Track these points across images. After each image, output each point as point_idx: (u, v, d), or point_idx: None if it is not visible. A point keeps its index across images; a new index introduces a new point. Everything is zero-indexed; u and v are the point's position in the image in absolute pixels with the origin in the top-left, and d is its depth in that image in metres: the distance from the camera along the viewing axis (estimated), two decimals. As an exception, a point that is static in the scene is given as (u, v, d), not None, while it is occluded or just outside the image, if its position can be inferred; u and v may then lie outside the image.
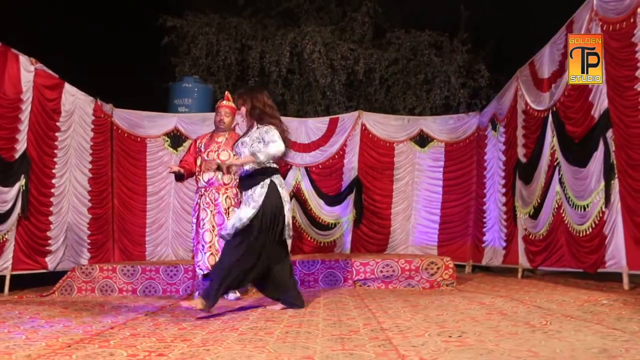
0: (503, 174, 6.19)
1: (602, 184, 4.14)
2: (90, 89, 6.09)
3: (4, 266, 4.88)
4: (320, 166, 7.20)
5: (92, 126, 6.14)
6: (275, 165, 3.54)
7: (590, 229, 4.32)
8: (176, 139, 6.88)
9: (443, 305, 3.44)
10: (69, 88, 5.72)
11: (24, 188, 5.03)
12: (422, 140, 7.21)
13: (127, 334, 2.68)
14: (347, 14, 8.80)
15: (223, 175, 4.41)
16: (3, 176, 4.80)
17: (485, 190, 6.73)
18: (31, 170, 5.15)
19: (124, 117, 6.71)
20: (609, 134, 4.07)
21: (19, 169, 5.00)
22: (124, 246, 6.53)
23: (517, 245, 5.70)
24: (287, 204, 3.52)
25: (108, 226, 6.40)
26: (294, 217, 6.94)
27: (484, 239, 6.63)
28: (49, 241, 5.42)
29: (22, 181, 5.02)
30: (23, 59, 5.04)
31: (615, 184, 4.03)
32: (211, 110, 6.61)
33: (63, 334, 2.70)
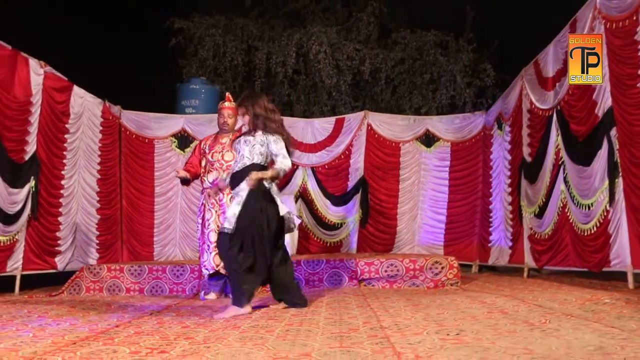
0: (509, 173, 6.18)
1: (606, 182, 4.13)
2: (91, 89, 6.12)
3: (14, 266, 4.97)
4: (326, 166, 7.24)
5: (101, 128, 6.23)
6: (264, 164, 3.53)
7: (595, 228, 4.31)
8: (183, 140, 6.96)
9: (445, 304, 3.45)
10: (77, 90, 5.80)
11: (33, 189, 5.12)
12: (428, 140, 7.22)
13: (131, 332, 2.73)
14: (353, 15, 8.83)
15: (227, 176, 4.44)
16: (13, 178, 4.90)
17: (491, 190, 6.72)
18: (41, 171, 5.25)
19: (131, 119, 6.79)
20: (613, 132, 4.07)
21: (29, 170, 5.10)
22: (132, 246, 6.61)
23: (523, 244, 5.70)
24: (278, 197, 3.49)
25: (116, 227, 6.49)
26: (300, 217, 6.98)
27: (490, 238, 6.63)
28: (59, 241, 5.51)
29: (32, 182, 5.12)
30: (33, 62, 5.12)
31: (620, 182, 4.03)
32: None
33: (69, 331, 2.75)
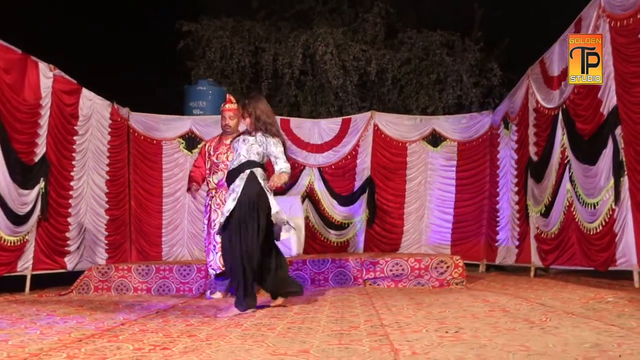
0: (515, 172, 6.16)
1: (612, 181, 4.11)
2: (99, 91, 6.16)
3: (24, 266, 5.05)
4: (333, 166, 7.26)
5: (109, 130, 6.30)
6: (261, 162, 3.58)
7: (601, 227, 4.29)
8: (191, 141, 7.01)
9: (448, 302, 3.47)
10: (86, 93, 5.87)
11: (43, 190, 5.20)
12: (435, 139, 7.21)
13: (136, 329, 2.78)
14: (359, 15, 8.84)
15: None
16: (23, 179, 4.97)
17: (498, 189, 6.70)
18: (50, 173, 5.32)
19: (140, 121, 6.86)
20: (618, 131, 4.05)
21: (39, 172, 5.18)
22: (140, 247, 6.68)
23: (530, 244, 5.68)
24: (271, 195, 3.54)
25: (125, 227, 6.56)
26: (307, 217, 7.01)
27: (498, 238, 6.61)
28: (68, 242, 5.58)
29: (42, 184, 5.19)
30: (42, 65, 5.20)
31: (625, 181, 4.00)
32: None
33: (76, 329, 2.81)
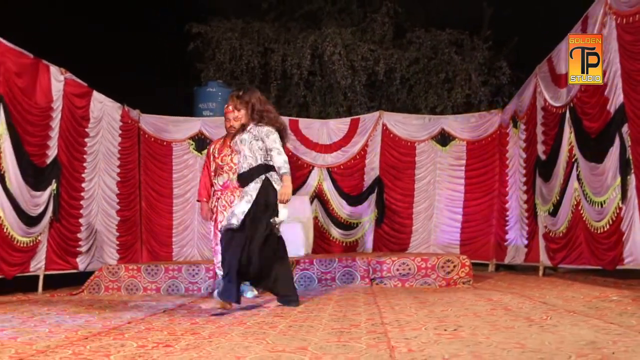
0: (524, 171, 6.14)
1: (619, 179, 4.08)
2: (110, 93, 6.22)
3: (37, 266, 5.15)
4: (341, 166, 7.29)
5: (120, 132, 6.39)
6: (268, 160, 3.61)
7: (608, 226, 4.26)
8: (201, 142, 7.08)
9: (451, 301, 3.47)
10: (97, 95, 5.97)
11: (55, 192, 5.30)
12: (444, 139, 7.20)
13: (142, 328, 2.83)
14: (368, 15, 8.86)
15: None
16: (35, 181, 5.07)
17: (507, 188, 6.67)
18: (62, 174, 5.42)
19: (150, 122, 6.95)
20: (625, 128, 4.01)
21: (51, 174, 5.28)
22: (151, 247, 6.77)
23: (538, 243, 5.65)
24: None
25: (136, 228, 6.65)
26: (316, 217, 7.06)
27: (507, 237, 6.58)
28: (80, 242, 5.68)
29: (54, 185, 5.29)
30: (53, 69, 5.30)
31: (632, 179, 3.97)
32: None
33: (83, 327, 2.87)
